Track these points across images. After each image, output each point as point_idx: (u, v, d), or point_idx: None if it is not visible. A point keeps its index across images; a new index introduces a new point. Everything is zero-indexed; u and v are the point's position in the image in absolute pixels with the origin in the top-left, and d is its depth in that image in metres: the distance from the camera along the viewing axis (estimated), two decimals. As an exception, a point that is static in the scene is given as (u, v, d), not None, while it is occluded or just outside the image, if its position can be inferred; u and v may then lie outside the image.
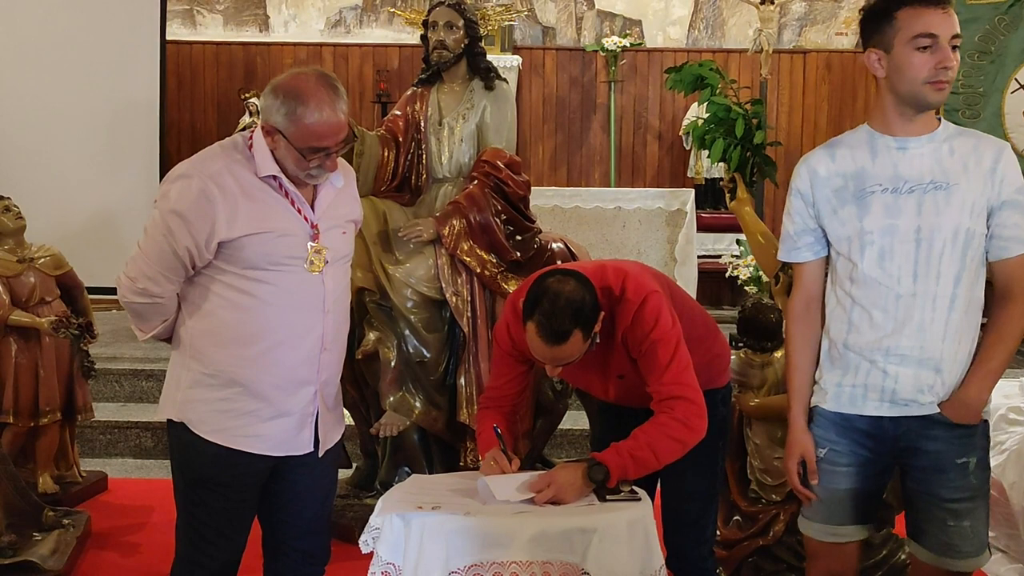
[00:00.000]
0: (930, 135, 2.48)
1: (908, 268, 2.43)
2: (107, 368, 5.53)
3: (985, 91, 5.63)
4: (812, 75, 9.18)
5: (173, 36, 8.18)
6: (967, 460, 2.48)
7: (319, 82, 2.50)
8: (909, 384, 2.46)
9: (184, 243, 2.49)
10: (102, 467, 5.07)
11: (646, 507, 2.63)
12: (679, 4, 9.33)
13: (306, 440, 2.66)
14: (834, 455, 2.56)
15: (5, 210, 4.44)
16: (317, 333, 2.61)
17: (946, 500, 2.48)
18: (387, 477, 4.28)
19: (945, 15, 2.44)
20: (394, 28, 9.36)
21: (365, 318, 4.08)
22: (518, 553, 2.43)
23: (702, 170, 8.86)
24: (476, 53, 4.27)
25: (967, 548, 2.49)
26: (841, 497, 2.57)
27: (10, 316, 4.35)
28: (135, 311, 2.62)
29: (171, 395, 2.65)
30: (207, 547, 2.66)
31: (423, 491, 2.70)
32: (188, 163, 2.58)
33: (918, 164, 2.45)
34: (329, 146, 2.51)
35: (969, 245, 2.44)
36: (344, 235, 2.70)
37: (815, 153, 2.61)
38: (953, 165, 2.44)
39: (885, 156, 2.48)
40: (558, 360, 2.66)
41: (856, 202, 2.48)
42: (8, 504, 3.85)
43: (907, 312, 2.44)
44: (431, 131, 4.25)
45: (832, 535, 2.60)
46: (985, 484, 2.53)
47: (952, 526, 2.48)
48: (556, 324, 2.58)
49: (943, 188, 2.42)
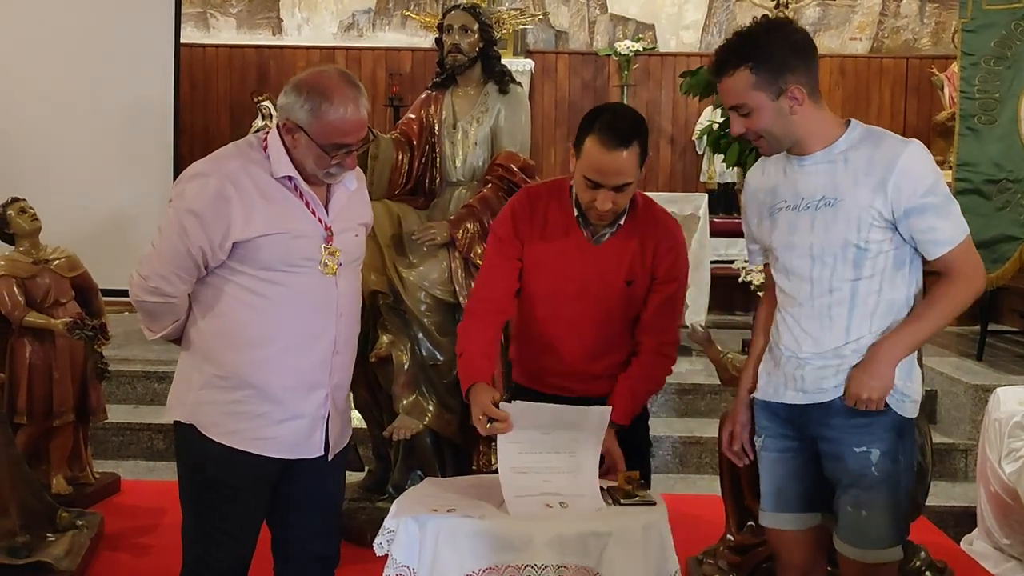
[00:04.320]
0: (827, 149, 2.51)
1: (806, 283, 2.53)
2: (120, 370, 5.54)
3: (1001, 96, 5.60)
4: (826, 80, 9.16)
5: (187, 39, 8.20)
6: (867, 450, 2.51)
7: (341, 79, 2.53)
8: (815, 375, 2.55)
9: (199, 242, 2.48)
10: (115, 469, 5.07)
11: (661, 511, 2.62)
12: (692, 8, 9.33)
13: (317, 443, 2.66)
14: (770, 442, 2.68)
15: (20, 212, 4.45)
16: (330, 336, 2.61)
17: (845, 486, 2.54)
18: (400, 480, 4.28)
19: None
20: (407, 31, 9.37)
21: (379, 321, 4.08)
22: (533, 556, 2.43)
23: (715, 175, 8.85)
24: (491, 57, 4.27)
25: (862, 540, 2.53)
26: (782, 485, 2.67)
27: (25, 317, 4.36)
28: (146, 310, 2.61)
29: (181, 396, 2.64)
30: (216, 550, 2.65)
31: (438, 494, 2.70)
32: (204, 162, 2.57)
33: (813, 181, 2.51)
34: (351, 143, 2.52)
35: (863, 257, 2.48)
36: (356, 238, 2.71)
37: (755, 166, 2.72)
38: (844, 180, 2.47)
39: (791, 173, 2.56)
40: (617, 174, 2.70)
41: (769, 217, 2.60)
42: (22, 505, 3.85)
43: (808, 323, 2.54)
44: (445, 134, 4.25)
45: (784, 523, 2.67)
46: (892, 478, 2.53)
47: (851, 512, 2.54)
48: (620, 125, 2.69)
49: (831, 204, 2.47)
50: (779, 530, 2.69)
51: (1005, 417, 4.35)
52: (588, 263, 2.86)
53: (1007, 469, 4.25)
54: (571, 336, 2.92)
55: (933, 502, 4.44)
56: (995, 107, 5.64)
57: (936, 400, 5.57)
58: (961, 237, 2.48)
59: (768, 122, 2.48)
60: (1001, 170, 5.60)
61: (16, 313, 4.35)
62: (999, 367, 5.82)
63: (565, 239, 2.89)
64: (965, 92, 5.77)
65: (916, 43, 9.24)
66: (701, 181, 9.11)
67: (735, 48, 2.46)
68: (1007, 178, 5.58)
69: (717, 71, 2.49)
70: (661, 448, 5.36)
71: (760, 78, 2.43)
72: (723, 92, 2.50)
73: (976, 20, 5.72)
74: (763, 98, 2.45)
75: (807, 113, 2.48)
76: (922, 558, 3.64)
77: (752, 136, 2.53)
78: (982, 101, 5.68)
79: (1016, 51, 5.58)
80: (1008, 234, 5.54)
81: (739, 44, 2.46)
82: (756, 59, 2.42)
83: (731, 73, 2.45)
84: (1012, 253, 5.53)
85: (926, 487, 3.60)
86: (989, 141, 5.65)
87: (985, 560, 4.25)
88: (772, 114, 2.46)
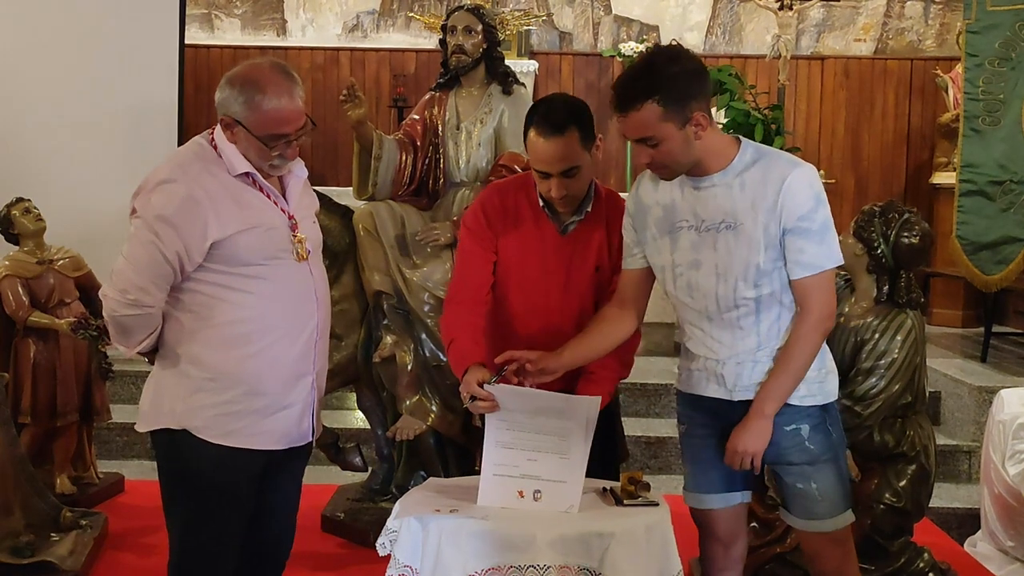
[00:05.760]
0: (723, 172, 2.56)
1: (712, 300, 2.61)
2: (124, 370, 5.54)
3: (1005, 98, 5.59)
4: (830, 81, 9.14)
5: (191, 40, 8.19)
6: (797, 427, 2.64)
7: (274, 69, 2.54)
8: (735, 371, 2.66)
9: (174, 248, 2.48)
10: (119, 469, 5.08)
11: (664, 512, 2.63)
12: (697, 9, 9.31)
13: (306, 430, 2.70)
14: (693, 429, 2.81)
15: (25, 212, 4.46)
16: (313, 324, 2.65)
17: (788, 464, 2.67)
18: (403, 481, 4.28)
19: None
20: (411, 33, 9.37)
21: (382, 322, 4.09)
22: (536, 557, 2.43)
23: (718, 176, 8.84)
24: (494, 58, 4.28)
25: (820, 509, 2.68)
26: (706, 467, 2.79)
27: (29, 317, 4.37)
28: (123, 326, 2.57)
29: (164, 406, 2.60)
30: (214, 559, 2.66)
31: (441, 494, 2.70)
32: (165, 169, 2.56)
33: (712, 204, 2.57)
34: (289, 132, 2.53)
35: (763, 275, 2.56)
36: (314, 224, 2.77)
37: (643, 179, 2.75)
38: (743, 203, 2.54)
39: (688, 193, 2.62)
40: (560, 160, 2.77)
41: (669, 235, 2.65)
42: (26, 505, 3.86)
43: (719, 333, 2.64)
44: (449, 135, 4.25)
45: (708, 503, 2.80)
46: (829, 451, 2.68)
47: (801, 488, 2.68)
48: (553, 117, 2.78)
49: (733, 228, 2.55)
50: (702, 510, 2.83)
51: (1009, 419, 4.34)
52: (558, 252, 2.92)
53: (1011, 471, 4.25)
54: (546, 327, 2.95)
55: (937, 504, 4.44)
56: (999, 108, 5.63)
57: (940, 401, 5.56)
58: (824, 266, 2.56)
59: (676, 151, 2.53)
60: (1005, 171, 5.60)
61: (20, 313, 4.37)
62: (1003, 368, 5.81)
63: (535, 229, 2.95)
64: (969, 93, 5.76)
65: (920, 44, 9.22)
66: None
67: (639, 82, 2.48)
68: (1011, 179, 5.57)
69: (622, 106, 2.50)
70: (664, 449, 5.35)
71: (667, 109, 2.47)
72: (629, 126, 2.52)
73: (980, 21, 5.72)
74: (671, 128, 2.49)
75: (708, 136, 2.54)
76: (926, 560, 3.64)
77: (657, 165, 2.58)
78: (986, 102, 5.67)
79: (1020, 52, 5.58)
80: (1012, 235, 5.54)
81: (643, 78, 2.48)
82: (662, 91, 2.46)
83: (638, 107, 2.47)
84: (1016, 254, 5.52)
85: (930, 488, 3.60)
86: (993, 142, 5.65)
87: (989, 562, 4.24)
88: (679, 142, 2.51)
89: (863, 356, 3.39)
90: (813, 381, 2.66)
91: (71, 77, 6.34)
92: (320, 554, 4.13)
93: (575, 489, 2.62)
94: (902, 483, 3.50)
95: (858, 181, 9.10)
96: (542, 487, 2.61)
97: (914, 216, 3.49)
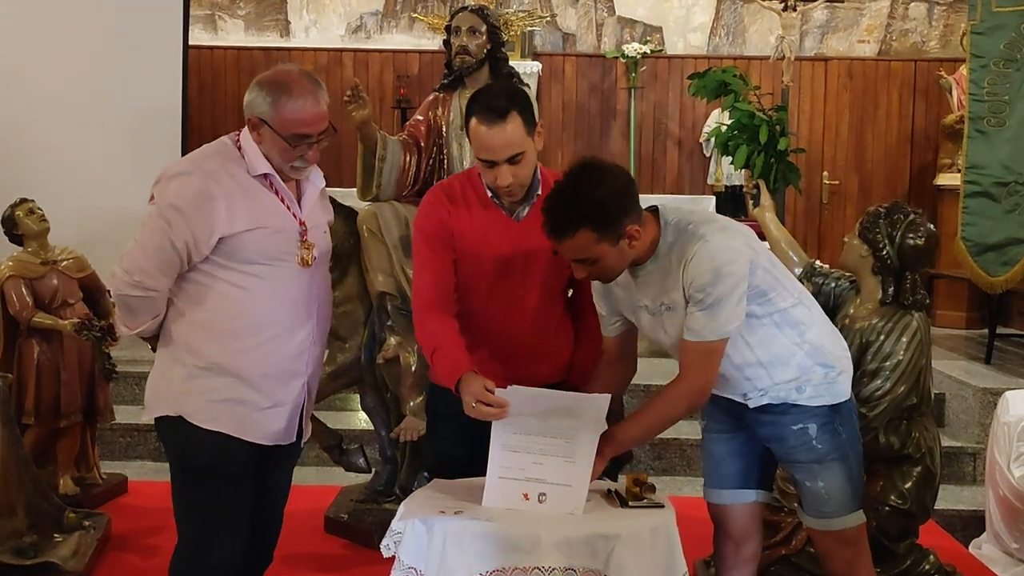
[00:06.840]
0: (653, 259, 2.64)
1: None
2: (128, 371, 5.53)
3: (1011, 99, 5.58)
4: (833, 83, 9.14)
5: (195, 41, 8.20)
6: (804, 426, 2.72)
7: (301, 75, 2.67)
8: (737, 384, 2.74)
9: (183, 237, 2.58)
10: (122, 469, 5.09)
11: (669, 514, 2.62)
12: (700, 11, 9.31)
13: (292, 430, 2.78)
14: (711, 425, 2.92)
15: (29, 212, 4.46)
16: (309, 326, 2.73)
17: (797, 462, 2.77)
18: (407, 482, 4.28)
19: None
20: (414, 34, 9.37)
21: (386, 323, 4.08)
22: (541, 558, 2.42)
23: (722, 177, 8.84)
24: (498, 58, 4.27)
25: (828, 508, 2.76)
26: (721, 463, 2.90)
27: (33, 318, 4.38)
28: (127, 305, 2.68)
29: (162, 392, 2.71)
30: (216, 538, 2.70)
31: (445, 496, 2.69)
32: (185, 161, 2.72)
33: (651, 290, 2.67)
34: (312, 134, 2.63)
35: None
36: (324, 234, 2.84)
37: None
38: (672, 285, 2.61)
39: (631, 282, 2.70)
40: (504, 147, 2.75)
41: (633, 314, 2.76)
42: (29, 505, 3.86)
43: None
44: (453, 136, 4.25)
45: (723, 498, 2.90)
46: (837, 450, 2.74)
47: (809, 487, 2.77)
48: (494, 104, 2.75)
49: (672, 309, 2.63)
50: (717, 504, 2.92)
51: (1014, 420, 4.34)
52: (515, 239, 2.89)
53: (1016, 473, 4.24)
54: (509, 315, 2.92)
55: (942, 506, 4.43)
56: (1004, 109, 5.62)
57: (945, 403, 5.55)
58: (707, 337, 2.57)
59: (612, 264, 2.59)
60: (1010, 172, 5.59)
61: (24, 314, 4.37)
62: (1008, 370, 5.80)
63: (488, 219, 2.91)
64: (974, 94, 5.76)
65: (924, 46, 9.22)
66: (708, 184, 9.09)
67: (571, 213, 2.50)
68: (1016, 181, 5.57)
69: (556, 235, 2.54)
70: (668, 450, 5.35)
71: (601, 232, 2.51)
72: (566, 250, 2.56)
73: (985, 22, 5.71)
74: (606, 247, 2.54)
75: (640, 239, 2.59)
76: (931, 562, 3.63)
77: (595, 277, 2.65)
78: (991, 103, 5.66)
79: (1025, 53, 5.57)
80: (1017, 237, 5.53)
81: (573, 207, 2.50)
82: (594, 218, 2.49)
83: (572, 235, 2.51)
84: (1021, 256, 5.51)
85: (935, 490, 3.59)
86: (998, 143, 5.64)
87: (994, 564, 4.24)
88: (615, 257, 2.57)
89: (868, 358, 3.38)
90: (821, 383, 2.70)
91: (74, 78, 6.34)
92: (324, 555, 4.12)
93: (580, 492, 2.61)
94: (907, 485, 3.49)
95: (862, 182, 9.10)
96: (547, 490, 2.61)
97: (919, 217, 3.48)
